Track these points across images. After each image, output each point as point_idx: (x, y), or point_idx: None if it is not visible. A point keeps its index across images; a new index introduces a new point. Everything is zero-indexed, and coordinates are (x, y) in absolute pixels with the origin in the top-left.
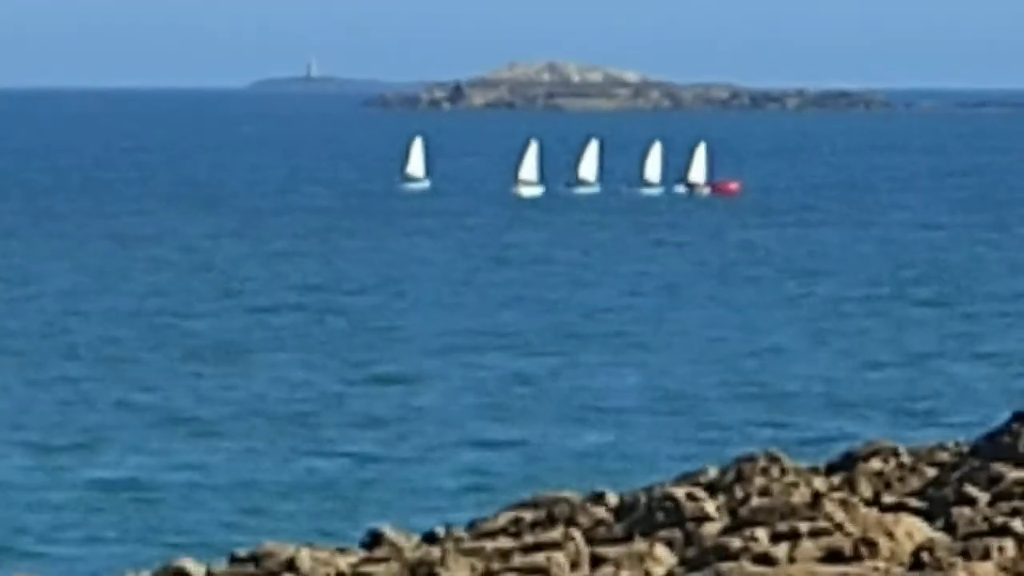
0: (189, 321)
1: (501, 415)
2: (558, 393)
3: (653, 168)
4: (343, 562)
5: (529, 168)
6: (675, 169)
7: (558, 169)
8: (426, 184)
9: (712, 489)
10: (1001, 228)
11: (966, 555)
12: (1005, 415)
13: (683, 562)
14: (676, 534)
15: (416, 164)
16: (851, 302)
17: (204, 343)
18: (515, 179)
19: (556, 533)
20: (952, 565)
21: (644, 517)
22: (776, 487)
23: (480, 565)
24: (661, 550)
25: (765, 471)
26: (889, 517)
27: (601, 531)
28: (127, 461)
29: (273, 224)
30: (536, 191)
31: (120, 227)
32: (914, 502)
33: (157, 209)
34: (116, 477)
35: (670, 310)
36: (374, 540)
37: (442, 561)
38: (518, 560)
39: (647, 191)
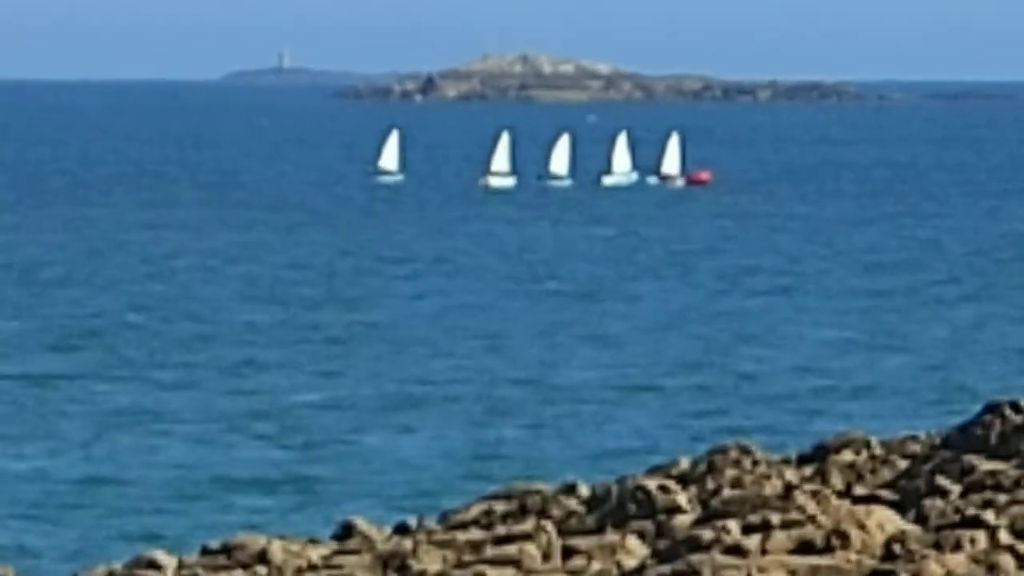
0: (149, 313)
1: (469, 408)
2: (527, 385)
3: (622, 159)
4: (315, 554)
5: (501, 160)
6: (648, 161)
7: (530, 161)
8: (400, 177)
9: (684, 481)
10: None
11: (938, 547)
12: (977, 406)
13: (655, 554)
14: (648, 526)
15: (390, 157)
16: (820, 292)
17: (167, 336)
18: (486, 171)
19: (528, 525)
20: (924, 557)
21: (616, 509)
22: (748, 479)
23: (452, 556)
24: (633, 542)
25: (737, 463)
26: (861, 509)
27: (573, 522)
28: (94, 454)
29: (241, 217)
30: (508, 183)
31: (81, 218)
32: (886, 493)
33: (122, 201)
34: (86, 470)
35: (639, 300)
36: (346, 532)
37: (414, 552)
38: (490, 551)
39: (616, 182)
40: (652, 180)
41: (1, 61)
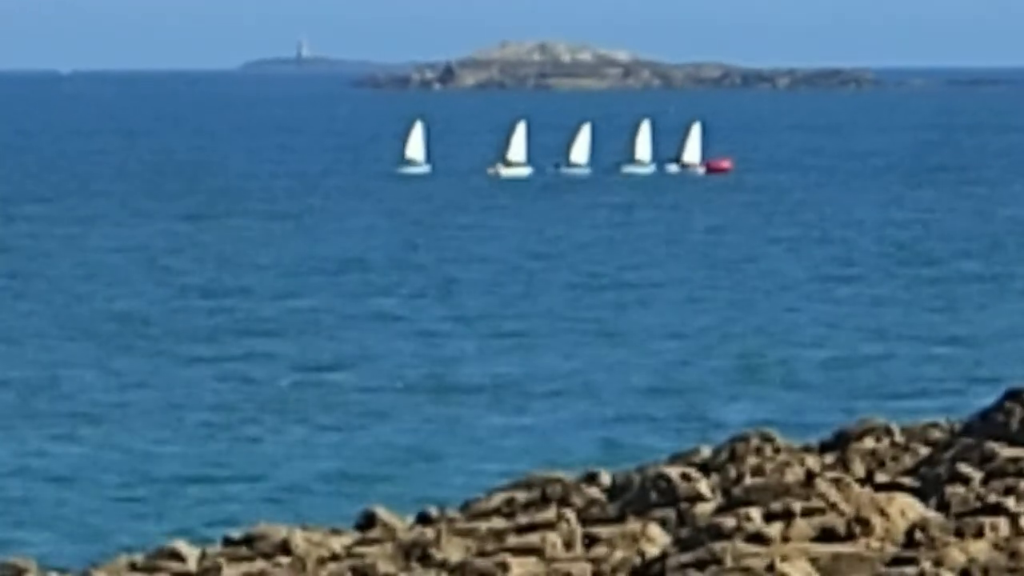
0: (159, 303)
1: (492, 398)
2: (548, 375)
3: (643, 148)
4: (337, 543)
5: (517, 149)
6: (667, 149)
7: (549, 150)
8: (426, 168)
9: (705, 469)
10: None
11: (959, 533)
12: (997, 393)
13: (677, 541)
14: (670, 514)
15: (415, 147)
16: (842, 281)
17: (179, 329)
18: (502, 160)
19: (550, 513)
20: (946, 544)
21: (638, 497)
22: (769, 466)
23: (474, 545)
24: (655, 530)
25: (758, 450)
26: (882, 496)
27: (595, 511)
28: (121, 443)
29: (255, 208)
30: (522, 172)
31: (81, 212)
32: (907, 481)
33: (122, 191)
34: (112, 459)
35: (660, 290)
36: (368, 521)
37: (436, 542)
38: (512, 540)
39: (637, 170)
40: (672, 168)
41: (16, 52)
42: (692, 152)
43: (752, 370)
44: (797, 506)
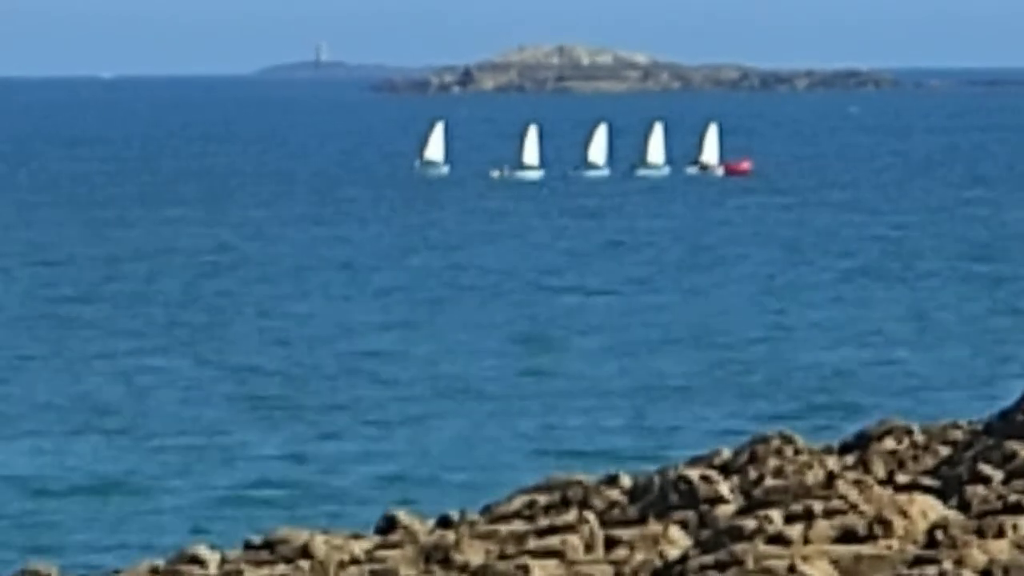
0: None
1: (508, 402)
2: (564, 377)
3: (656, 150)
4: (358, 547)
5: (530, 153)
6: (686, 150)
7: (566, 153)
8: (444, 169)
9: (726, 470)
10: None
11: (980, 533)
12: (1016, 393)
13: (697, 544)
14: (690, 516)
15: (435, 149)
16: (859, 283)
17: (193, 329)
18: (511, 164)
19: (570, 516)
20: (967, 543)
21: (658, 499)
22: (790, 468)
23: (495, 549)
24: (675, 532)
25: (779, 452)
26: (903, 496)
27: (615, 513)
28: (139, 447)
29: (266, 214)
30: (534, 175)
31: (98, 216)
32: (928, 481)
33: (131, 196)
34: (131, 463)
35: (678, 293)
36: (389, 525)
37: (457, 545)
38: (533, 543)
39: (651, 173)
40: (691, 170)
41: (32, 57)
42: (710, 154)
43: (774, 370)
44: (818, 507)
